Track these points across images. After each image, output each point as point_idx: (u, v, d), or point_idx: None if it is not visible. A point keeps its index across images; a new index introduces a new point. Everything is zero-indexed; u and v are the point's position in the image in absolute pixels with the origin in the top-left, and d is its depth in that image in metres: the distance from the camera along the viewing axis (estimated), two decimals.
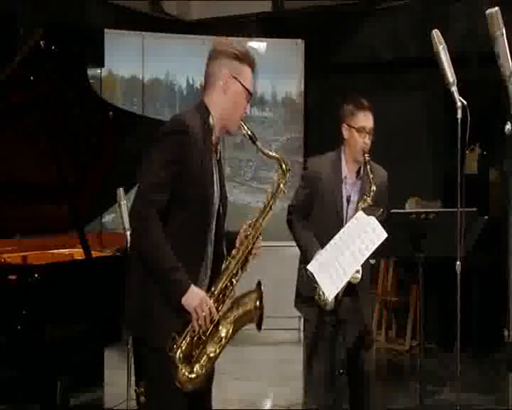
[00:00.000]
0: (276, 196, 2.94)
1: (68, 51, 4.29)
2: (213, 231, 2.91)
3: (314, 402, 4.13)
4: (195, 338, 2.78)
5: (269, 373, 6.53)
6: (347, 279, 3.40)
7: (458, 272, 2.97)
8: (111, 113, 4.51)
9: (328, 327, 3.86)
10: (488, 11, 2.61)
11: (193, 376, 2.77)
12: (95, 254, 4.35)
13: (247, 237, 2.90)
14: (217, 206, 2.92)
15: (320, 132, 8.24)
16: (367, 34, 8.22)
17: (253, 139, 2.92)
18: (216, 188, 2.91)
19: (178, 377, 2.75)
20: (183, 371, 2.75)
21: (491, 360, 6.78)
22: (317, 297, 3.75)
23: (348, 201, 3.97)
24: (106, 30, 7.57)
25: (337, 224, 3.82)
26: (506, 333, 6.88)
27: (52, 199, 4.43)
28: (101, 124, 4.52)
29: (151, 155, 2.79)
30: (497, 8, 2.63)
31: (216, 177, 2.92)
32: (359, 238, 3.27)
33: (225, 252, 2.97)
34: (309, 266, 3.42)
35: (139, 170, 2.81)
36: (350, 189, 3.99)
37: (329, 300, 3.53)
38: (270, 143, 8.09)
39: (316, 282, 3.53)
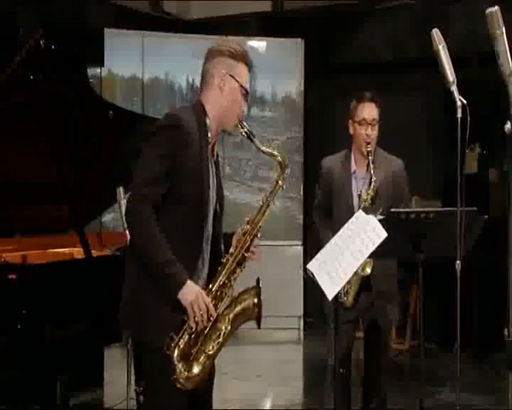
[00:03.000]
0: (275, 193, 2.94)
1: (68, 51, 4.29)
2: (210, 231, 2.90)
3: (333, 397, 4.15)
4: (193, 336, 2.76)
5: (269, 373, 6.53)
6: (347, 279, 3.39)
7: (458, 272, 2.97)
8: (111, 112, 4.51)
9: (345, 324, 3.90)
10: (488, 10, 2.62)
11: (192, 374, 2.75)
12: (94, 253, 4.36)
13: (244, 233, 2.89)
14: (213, 206, 2.90)
15: (320, 132, 8.25)
16: (367, 34, 8.22)
17: (250, 137, 2.91)
18: (212, 187, 2.88)
19: (176, 376, 2.73)
20: (182, 369, 2.73)
21: (491, 360, 6.78)
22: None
23: (359, 196, 4.01)
24: (106, 29, 7.57)
25: (349, 219, 3.85)
26: (506, 332, 6.88)
27: (52, 199, 4.43)
28: (101, 123, 4.52)
29: (145, 149, 2.78)
30: (496, 7, 2.63)
31: (212, 177, 2.90)
32: (359, 238, 3.26)
33: (223, 251, 2.95)
34: (309, 266, 3.41)
35: (135, 165, 2.79)
36: (361, 184, 4.03)
37: (329, 299, 3.52)
38: (270, 142, 8.10)
39: (316, 281, 3.53)
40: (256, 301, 2.85)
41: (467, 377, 5.75)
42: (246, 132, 2.91)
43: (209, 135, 2.88)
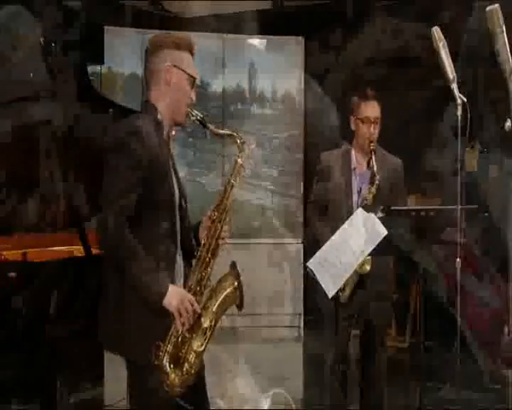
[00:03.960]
0: (236, 173, 2.95)
1: (68, 48, 4.28)
2: (179, 229, 2.87)
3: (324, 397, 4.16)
4: (180, 338, 2.74)
5: (269, 371, 6.53)
6: (347, 277, 3.40)
7: (458, 270, 2.97)
8: (111, 110, 4.50)
9: (342, 321, 3.91)
10: (488, 8, 2.62)
11: (184, 377, 2.74)
12: (94, 251, 4.35)
13: (213, 221, 2.87)
14: (177, 200, 2.88)
15: (320, 130, 8.24)
16: (367, 32, 8.20)
17: (203, 123, 2.89)
18: (174, 184, 2.87)
19: (170, 382, 2.72)
20: (174, 375, 2.72)
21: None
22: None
23: (359, 193, 4.01)
24: (106, 27, 7.56)
25: (348, 216, 3.85)
26: (506, 330, 6.87)
27: (52, 196, 4.42)
28: (100, 121, 4.51)
29: (111, 162, 2.76)
30: (497, 5, 2.63)
31: (172, 173, 2.88)
32: (359, 235, 3.27)
33: (194, 243, 2.93)
34: (309, 264, 3.42)
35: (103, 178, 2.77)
36: (360, 180, 4.04)
37: (330, 297, 3.54)
38: (270, 139, 8.10)
39: (316, 279, 3.53)
40: (236, 284, 2.83)
41: (467, 375, 5.75)
42: (198, 120, 2.89)
43: (164, 133, 2.87)
